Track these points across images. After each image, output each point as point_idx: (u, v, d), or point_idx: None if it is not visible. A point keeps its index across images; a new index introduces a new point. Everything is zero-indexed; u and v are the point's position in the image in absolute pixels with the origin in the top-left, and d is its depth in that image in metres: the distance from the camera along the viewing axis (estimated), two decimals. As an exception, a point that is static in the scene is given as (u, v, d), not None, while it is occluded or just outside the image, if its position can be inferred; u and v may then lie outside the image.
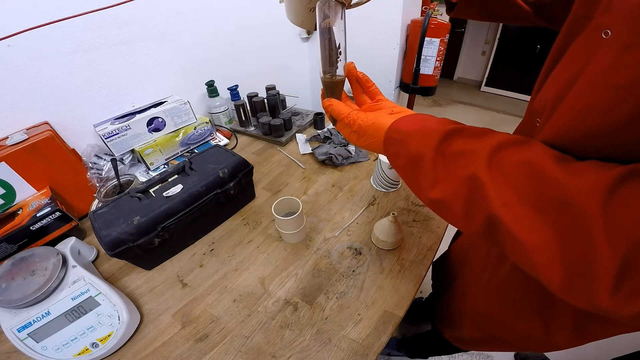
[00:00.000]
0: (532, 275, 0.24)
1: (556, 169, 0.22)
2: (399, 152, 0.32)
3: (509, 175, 0.24)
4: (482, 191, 0.24)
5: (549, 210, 0.21)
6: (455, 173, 0.27)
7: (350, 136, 0.39)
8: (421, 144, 0.30)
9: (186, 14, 0.93)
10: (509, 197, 0.23)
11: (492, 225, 0.24)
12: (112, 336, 0.45)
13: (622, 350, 0.94)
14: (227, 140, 0.98)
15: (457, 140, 0.28)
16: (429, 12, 1.32)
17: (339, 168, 0.82)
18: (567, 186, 0.21)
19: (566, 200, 0.20)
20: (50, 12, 0.64)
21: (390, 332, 0.46)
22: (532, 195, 0.22)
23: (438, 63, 1.43)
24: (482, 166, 0.25)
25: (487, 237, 0.26)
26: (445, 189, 0.27)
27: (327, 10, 0.36)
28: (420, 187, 0.30)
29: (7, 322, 0.43)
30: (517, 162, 0.24)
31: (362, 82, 0.42)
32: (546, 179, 0.22)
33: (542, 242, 0.21)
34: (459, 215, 0.27)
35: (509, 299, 0.44)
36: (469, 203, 0.25)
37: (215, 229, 0.67)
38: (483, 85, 3.50)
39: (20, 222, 0.58)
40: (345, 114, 0.38)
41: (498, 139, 0.26)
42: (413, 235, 0.61)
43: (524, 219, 0.22)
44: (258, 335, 0.47)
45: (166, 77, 0.96)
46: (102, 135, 0.75)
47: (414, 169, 0.30)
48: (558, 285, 0.21)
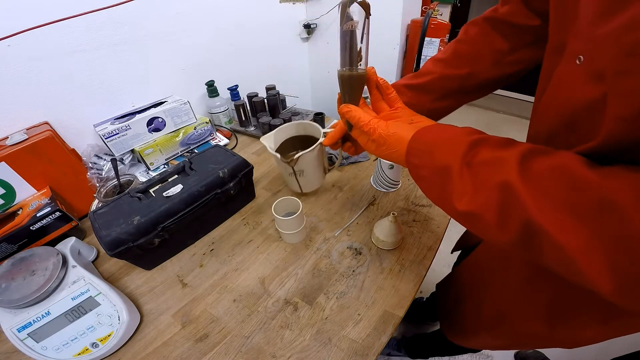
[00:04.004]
0: (579, 283, 0.23)
1: (588, 172, 0.21)
2: (423, 164, 0.31)
3: (542, 181, 0.23)
4: (516, 197, 0.23)
5: (587, 212, 0.21)
6: (484, 182, 0.26)
7: (368, 144, 0.38)
8: (446, 154, 0.29)
9: (186, 14, 0.93)
10: (545, 202, 0.22)
11: (529, 233, 0.23)
12: (112, 336, 0.45)
13: (622, 350, 0.94)
14: (227, 140, 0.98)
15: (483, 150, 0.27)
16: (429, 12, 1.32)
17: (339, 168, 0.82)
18: (603, 187, 0.20)
19: (604, 202, 0.20)
20: (50, 12, 0.64)
21: (390, 332, 0.46)
22: (568, 199, 0.22)
23: (438, 63, 1.43)
24: (513, 173, 0.24)
25: (522, 246, 0.25)
26: (475, 200, 0.26)
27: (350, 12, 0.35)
28: (445, 200, 0.29)
29: (7, 322, 0.43)
30: (549, 168, 0.23)
31: (382, 88, 0.41)
32: (580, 182, 0.21)
33: (584, 245, 0.21)
34: (493, 225, 0.26)
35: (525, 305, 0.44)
36: (503, 211, 0.25)
37: (215, 229, 0.67)
38: (483, 85, 3.50)
39: (20, 222, 0.58)
40: (366, 122, 0.37)
41: (526, 147, 0.26)
42: (413, 235, 0.61)
43: (563, 223, 0.21)
44: (258, 335, 0.47)
45: (166, 77, 0.96)
46: (102, 135, 0.75)
47: (439, 182, 0.29)
48: (609, 291, 0.20)
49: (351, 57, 0.37)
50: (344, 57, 0.37)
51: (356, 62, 0.37)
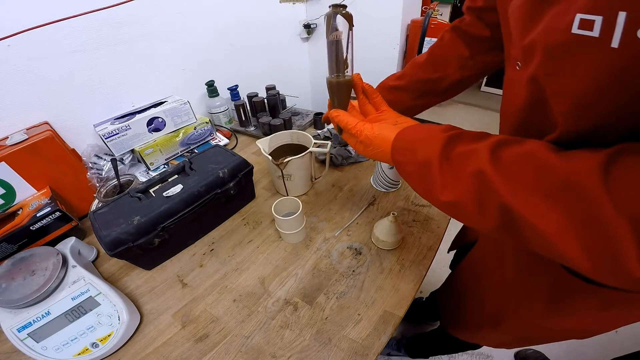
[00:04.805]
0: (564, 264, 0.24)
1: (553, 156, 0.23)
2: (408, 160, 0.34)
3: (512, 167, 0.25)
4: (490, 183, 0.25)
5: (555, 195, 0.22)
6: (462, 173, 0.28)
7: (357, 146, 0.40)
8: (427, 150, 0.31)
9: (186, 14, 0.93)
10: (516, 187, 0.24)
11: (508, 217, 0.25)
12: (112, 336, 0.45)
13: (622, 350, 0.94)
14: (227, 140, 0.98)
15: (459, 144, 0.29)
16: (429, 12, 1.32)
17: (339, 168, 0.82)
18: (566, 170, 0.22)
19: (569, 183, 0.21)
20: (50, 12, 0.64)
21: (390, 332, 0.46)
22: (537, 183, 0.23)
23: (438, 63, 1.43)
24: (485, 161, 0.26)
25: (507, 231, 0.26)
26: (455, 189, 0.28)
27: (334, 23, 0.38)
28: (430, 192, 0.31)
29: (7, 322, 0.43)
30: (517, 154, 0.25)
31: (368, 93, 0.44)
32: (546, 166, 0.23)
33: (558, 227, 0.22)
34: (474, 213, 0.27)
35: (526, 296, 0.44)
36: (481, 198, 0.26)
37: (215, 229, 0.67)
38: (483, 85, 3.50)
39: (20, 222, 0.58)
40: (352, 125, 0.40)
41: (497, 138, 0.28)
42: (413, 235, 0.61)
43: (536, 207, 0.23)
44: (258, 335, 0.47)
45: (166, 77, 0.96)
46: (102, 135, 0.75)
47: (422, 175, 0.31)
48: (588, 268, 0.21)
49: (337, 65, 0.40)
50: (332, 65, 0.40)
51: (343, 69, 0.40)
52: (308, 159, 0.68)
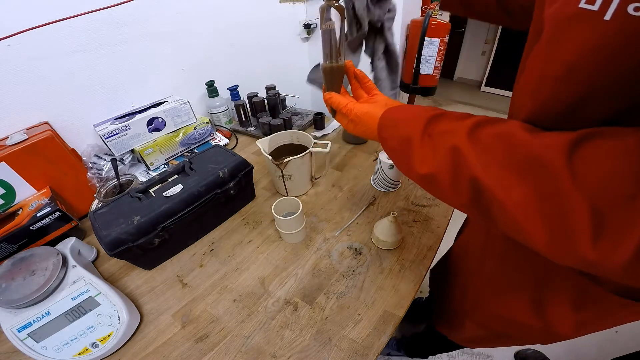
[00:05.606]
0: (520, 240, 0.25)
1: (525, 134, 0.24)
2: (391, 136, 0.36)
3: (486, 145, 0.26)
4: (464, 158, 0.27)
5: (522, 169, 0.23)
6: (440, 147, 0.29)
7: (348, 125, 0.43)
8: (410, 127, 0.33)
9: (186, 14, 0.93)
10: (488, 161, 0.25)
11: (477, 192, 0.26)
12: (112, 336, 0.45)
13: (622, 351, 0.94)
14: (227, 140, 0.98)
15: (441, 123, 0.31)
16: (429, 12, 1.32)
17: (340, 168, 0.82)
18: (533, 144, 0.23)
19: (534, 156, 0.22)
20: (50, 12, 0.64)
21: (390, 332, 0.46)
22: (506, 158, 0.24)
23: (438, 63, 1.43)
24: (463, 138, 0.27)
25: (476, 207, 0.27)
26: (433, 163, 0.30)
27: (327, 15, 0.41)
28: (410, 166, 0.32)
29: (7, 322, 0.43)
30: (494, 133, 0.26)
31: (360, 78, 0.46)
32: (516, 142, 0.24)
33: (521, 200, 0.23)
34: (448, 187, 0.28)
35: (505, 289, 0.45)
36: (455, 172, 0.27)
37: (215, 229, 0.67)
38: (483, 85, 3.50)
39: (20, 222, 0.58)
40: (343, 105, 0.43)
41: (477, 118, 0.29)
42: (413, 235, 0.61)
43: (503, 180, 0.24)
44: (258, 335, 0.47)
45: (166, 77, 0.96)
46: (102, 135, 0.75)
47: (404, 150, 0.33)
48: (543, 243, 0.22)
49: (331, 51, 0.43)
50: (325, 52, 0.43)
51: (336, 56, 0.43)
52: (308, 159, 0.68)
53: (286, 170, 0.66)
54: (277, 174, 0.68)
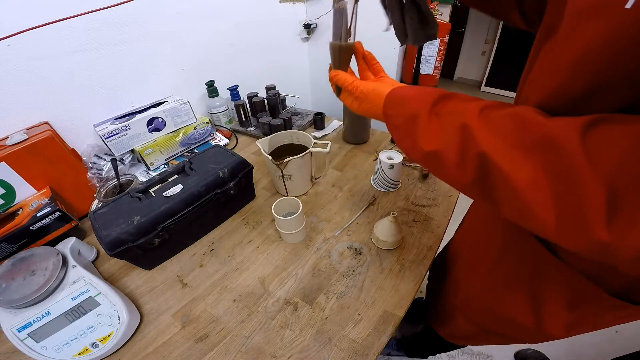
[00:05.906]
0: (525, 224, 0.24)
1: (537, 115, 0.24)
2: (397, 113, 0.35)
3: (497, 123, 0.26)
4: (472, 134, 0.26)
5: (534, 148, 0.22)
6: (448, 127, 0.29)
7: (352, 103, 0.43)
8: (417, 105, 0.33)
9: (186, 14, 0.93)
10: (497, 138, 0.25)
11: (484, 170, 0.25)
12: (112, 336, 0.45)
13: (622, 351, 0.94)
14: (227, 140, 0.98)
15: (450, 102, 0.31)
16: (429, 12, 1.32)
17: (340, 168, 0.82)
18: (546, 124, 0.22)
19: (547, 136, 0.22)
20: (50, 12, 0.64)
21: (390, 332, 0.46)
22: (517, 136, 0.24)
23: (438, 63, 1.43)
24: (473, 117, 0.27)
25: (479, 187, 0.27)
26: (440, 140, 0.29)
27: None
28: (415, 143, 0.32)
29: (7, 322, 0.43)
30: (504, 115, 0.26)
31: (368, 59, 0.46)
32: (529, 123, 0.24)
33: (532, 179, 0.22)
34: (453, 165, 0.28)
35: (499, 284, 0.45)
36: (462, 148, 0.27)
37: (215, 229, 0.67)
38: (483, 85, 3.50)
39: (20, 222, 0.58)
40: (350, 82, 0.42)
41: (487, 101, 0.29)
42: (413, 235, 0.61)
43: (513, 158, 0.23)
44: (258, 335, 0.47)
45: (166, 77, 0.96)
46: (102, 135, 0.75)
47: (409, 128, 0.33)
48: (553, 225, 0.22)
49: (341, 31, 0.43)
50: (336, 31, 0.43)
51: (346, 36, 0.43)
52: (308, 159, 0.68)
53: (286, 170, 0.66)
54: (277, 174, 0.68)
